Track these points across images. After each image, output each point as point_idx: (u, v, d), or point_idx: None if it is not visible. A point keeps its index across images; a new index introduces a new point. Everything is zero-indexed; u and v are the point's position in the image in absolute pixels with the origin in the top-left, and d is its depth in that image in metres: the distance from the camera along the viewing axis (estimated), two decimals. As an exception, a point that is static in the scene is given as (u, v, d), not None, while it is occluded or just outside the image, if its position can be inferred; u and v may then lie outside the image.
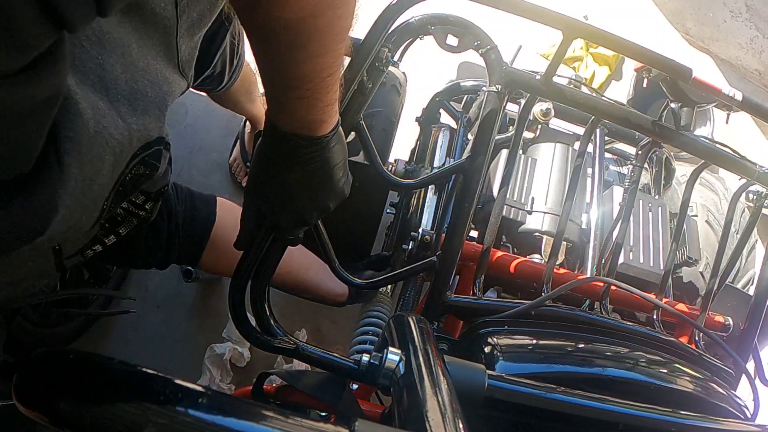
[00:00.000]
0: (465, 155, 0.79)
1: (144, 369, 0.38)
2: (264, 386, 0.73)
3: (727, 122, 1.04)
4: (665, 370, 0.76)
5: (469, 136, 1.24)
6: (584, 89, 1.19)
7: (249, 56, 1.20)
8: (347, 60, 0.68)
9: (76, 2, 0.31)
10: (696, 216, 1.42)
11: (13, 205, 0.41)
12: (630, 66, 2.37)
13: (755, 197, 0.94)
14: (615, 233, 0.96)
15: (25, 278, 0.57)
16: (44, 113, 0.38)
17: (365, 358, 0.60)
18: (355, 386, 0.81)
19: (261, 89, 1.50)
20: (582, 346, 0.76)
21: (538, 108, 1.06)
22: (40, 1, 0.30)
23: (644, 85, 1.28)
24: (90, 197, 0.50)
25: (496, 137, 0.82)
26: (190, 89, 0.69)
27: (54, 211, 0.45)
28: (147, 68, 0.52)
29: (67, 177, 0.44)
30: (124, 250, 0.86)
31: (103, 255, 0.85)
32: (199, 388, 0.38)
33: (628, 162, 1.34)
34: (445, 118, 1.43)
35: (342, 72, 0.53)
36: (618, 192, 1.10)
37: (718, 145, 0.89)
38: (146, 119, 0.53)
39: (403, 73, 1.35)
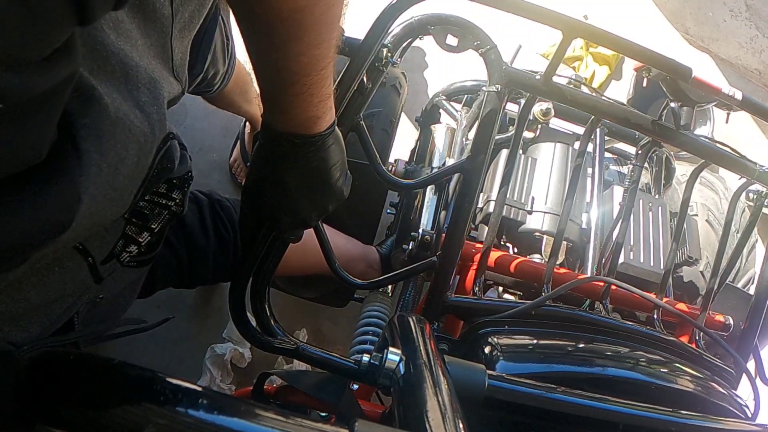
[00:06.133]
0: (465, 155, 0.79)
1: (144, 369, 0.38)
2: (264, 386, 0.73)
3: (727, 121, 1.04)
4: (666, 370, 0.76)
5: (469, 136, 1.24)
6: (584, 89, 1.19)
7: (243, 57, 1.21)
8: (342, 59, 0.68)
9: None
10: (696, 215, 1.42)
11: (26, 196, 0.38)
12: (630, 65, 2.37)
13: (755, 196, 0.94)
14: (615, 233, 0.96)
15: (63, 294, 0.53)
16: (55, 100, 0.36)
17: (365, 358, 0.60)
18: (355, 386, 0.81)
19: (257, 90, 1.49)
20: (582, 345, 0.76)
21: (538, 108, 1.06)
22: None
23: (644, 84, 1.28)
24: (116, 187, 0.48)
25: (496, 137, 0.82)
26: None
27: (77, 201, 0.42)
28: (154, 68, 0.52)
29: (87, 162, 0.42)
30: (196, 271, 0.88)
31: (173, 278, 0.87)
32: (199, 389, 0.38)
33: (628, 161, 1.34)
34: (445, 118, 1.43)
35: (335, 65, 0.53)
36: (618, 191, 1.10)
37: (718, 145, 0.88)
38: (165, 110, 0.52)
39: (403, 73, 1.35)
